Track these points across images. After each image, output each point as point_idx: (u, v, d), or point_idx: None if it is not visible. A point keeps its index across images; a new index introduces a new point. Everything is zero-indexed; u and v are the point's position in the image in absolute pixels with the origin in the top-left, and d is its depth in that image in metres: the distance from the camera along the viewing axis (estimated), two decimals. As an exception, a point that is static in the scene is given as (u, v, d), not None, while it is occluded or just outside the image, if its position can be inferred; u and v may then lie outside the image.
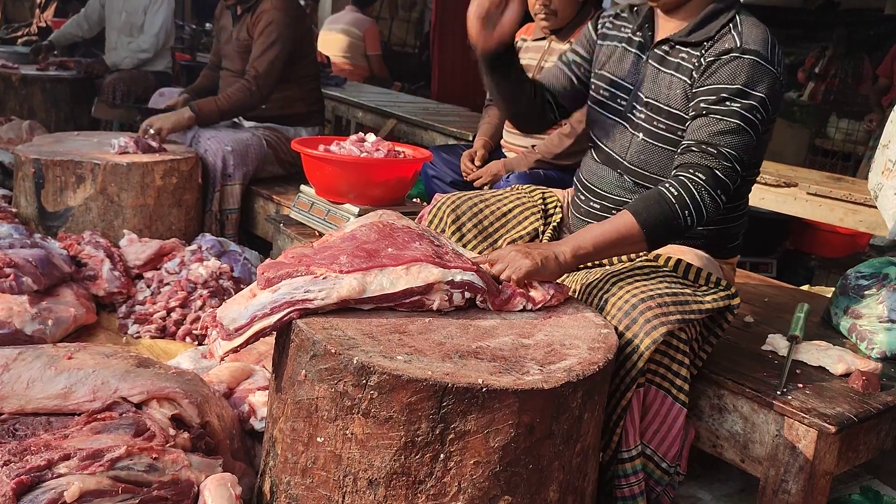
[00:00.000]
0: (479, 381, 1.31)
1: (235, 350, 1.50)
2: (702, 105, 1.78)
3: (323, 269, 1.52)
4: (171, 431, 1.63)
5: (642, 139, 1.93)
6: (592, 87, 2.08)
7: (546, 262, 1.67)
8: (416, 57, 10.38)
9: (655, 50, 1.93)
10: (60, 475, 1.41)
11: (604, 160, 2.03)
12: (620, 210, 1.83)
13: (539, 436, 1.37)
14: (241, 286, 2.91)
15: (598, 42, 2.09)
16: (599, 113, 2.04)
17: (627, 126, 1.97)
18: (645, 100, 1.92)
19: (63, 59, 5.32)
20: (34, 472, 1.40)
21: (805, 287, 3.08)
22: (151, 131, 3.47)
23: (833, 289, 2.34)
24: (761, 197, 3.42)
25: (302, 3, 4.97)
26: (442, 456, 1.33)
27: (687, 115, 1.84)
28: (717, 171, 1.74)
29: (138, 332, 2.67)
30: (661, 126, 1.89)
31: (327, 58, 6.39)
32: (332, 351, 1.35)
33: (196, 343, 2.63)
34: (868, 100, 6.38)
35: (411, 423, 1.32)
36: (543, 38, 3.12)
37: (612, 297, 1.70)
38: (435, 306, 1.56)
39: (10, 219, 3.05)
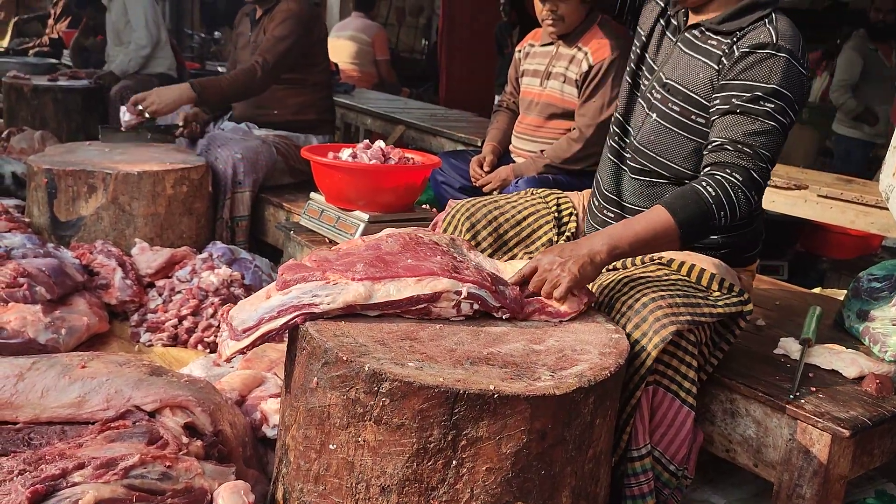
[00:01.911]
0: (491, 387, 1.31)
1: (242, 351, 1.52)
2: (735, 102, 1.77)
3: (337, 275, 1.53)
4: (185, 439, 1.64)
5: (654, 119, 1.94)
6: (628, 66, 2.09)
7: (584, 270, 1.65)
8: (423, 62, 10.41)
9: (686, 34, 1.93)
10: (75, 484, 1.42)
11: (615, 157, 2.04)
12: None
13: (551, 442, 1.37)
14: (252, 293, 2.92)
15: (640, 30, 2.08)
16: (624, 92, 2.06)
17: (644, 105, 1.98)
18: (665, 80, 1.93)
19: (75, 70, 5.37)
20: (49, 480, 1.41)
21: (817, 290, 3.07)
22: (147, 115, 3.44)
23: (845, 291, 2.33)
24: (772, 199, 3.41)
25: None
26: (454, 462, 1.33)
27: (707, 101, 1.84)
28: (753, 172, 1.74)
29: (150, 341, 2.68)
30: (675, 108, 1.90)
31: (336, 65, 6.42)
32: (344, 358, 1.36)
33: (208, 351, 2.64)
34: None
35: (423, 430, 1.32)
36: (551, 44, 3.12)
37: (623, 297, 1.70)
38: (441, 314, 1.56)
39: (23, 229, 3.07)
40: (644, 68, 2.03)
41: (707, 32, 1.89)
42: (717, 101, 1.81)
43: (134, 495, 1.42)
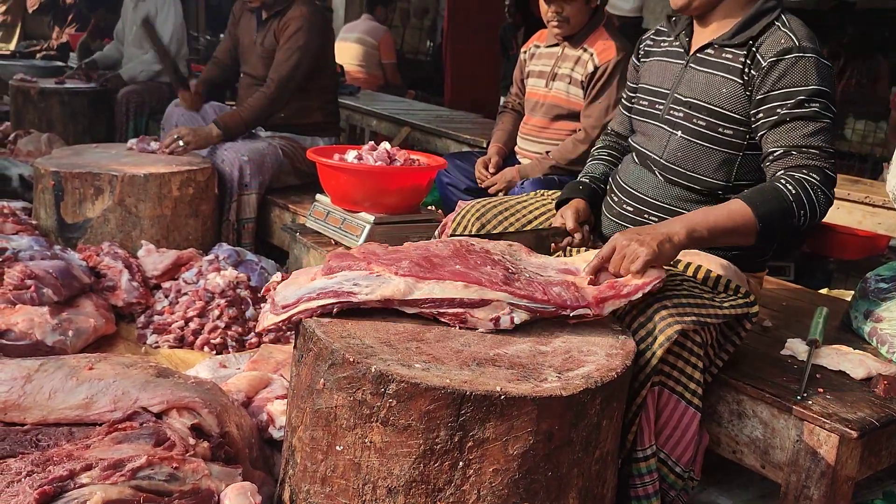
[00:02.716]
0: (498, 388, 1.31)
1: (277, 326, 1.55)
2: (782, 112, 1.79)
3: (381, 268, 1.54)
4: (191, 441, 1.64)
5: (681, 136, 1.95)
6: (635, 100, 2.13)
7: (662, 246, 1.64)
8: (428, 64, 10.41)
9: (697, 54, 1.95)
10: (83, 485, 1.43)
11: (641, 162, 2.05)
12: (653, 212, 1.85)
13: (558, 443, 1.37)
14: (258, 295, 2.93)
15: (641, 62, 2.15)
16: (640, 121, 2.09)
17: (665, 126, 1.99)
18: (684, 100, 1.95)
19: (86, 70, 5.39)
20: (57, 482, 1.41)
21: (824, 290, 3.06)
22: (181, 143, 3.49)
23: (852, 292, 2.32)
24: (778, 200, 3.39)
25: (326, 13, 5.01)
26: (461, 464, 1.33)
27: (735, 114, 1.86)
28: (828, 171, 1.76)
29: (157, 342, 2.69)
30: (701, 123, 1.91)
31: (341, 67, 6.42)
32: (351, 359, 1.36)
33: (214, 352, 2.65)
34: (885, 101, 6.32)
35: (430, 431, 1.32)
36: (556, 45, 3.12)
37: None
38: (477, 325, 1.54)
39: (30, 231, 3.09)
40: (642, 93, 2.08)
41: (720, 48, 1.91)
42: (762, 115, 1.83)
43: (141, 496, 1.42)
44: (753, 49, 1.84)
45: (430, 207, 3.38)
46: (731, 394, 1.83)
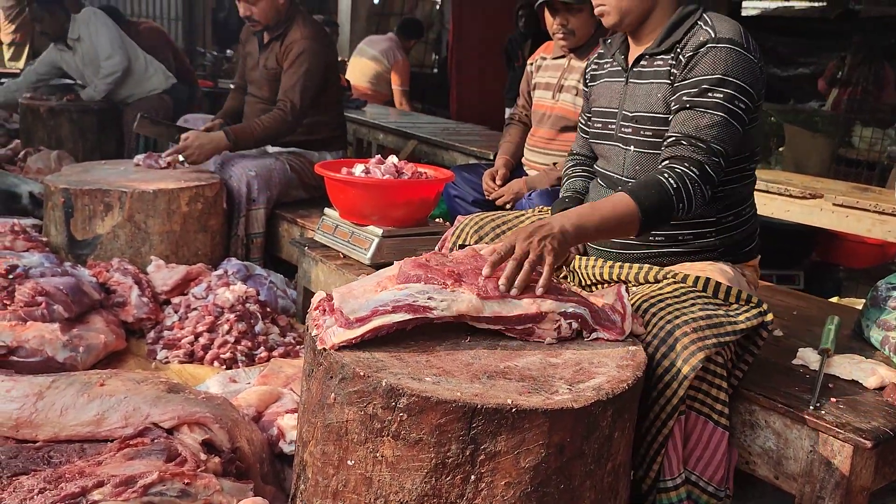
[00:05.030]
0: (509, 401, 1.31)
1: (350, 341, 1.43)
2: (685, 98, 1.82)
3: (451, 281, 1.53)
4: (203, 456, 1.64)
5: (633, 151, 1.98)
6: (590, 125, 2.16)
7: (560, 246, 1.63)
8: (434, 77, 10.45)
9: (634, 69, 2.00)
10: (95, 502, 1.43)
11: (608, 184, 2.08)
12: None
13: (570, 455, 1.36)
14: (268, 310, 2.94)
15: (590, 87, 2.20)
16: (598, 144, 2.12)
17: (619, 144, 2.03)
18: (631, 115, 1.98)
19: (74, 95, 5.41)
20: (69, 499, 1.42)
21: (834, 299, 3.04)
22: (181, 158, 3.50)
23: (863, 300, 2.31)
24: (787, 209, 3.39)
25: (327, 30, 5.02)
26: (473, 477, 1.33)
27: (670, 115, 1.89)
28: (707, 167, 1.77)
29: (167, 358, 2.69)
30: (648, 133, 1.94)
31: (347, 81, 6.44)
32: (361, 374, 1.36)
33: (224, 367, 2.65)
34: (892, 108, 6.32)
35: (441, 445, 1.32)
36: (563, 57, 3.13)
37: (646, 325, 1.68)
38: (543, 335, 1.56)
39: (40, 248, 3.11)
40: (595, 116, 2.12)
41: (651, 57, 1.96)
42: (672, 104, 1.87)
43: (153, 513, 1.43)
44: (678, 50, 1.88)
45: (437, 220, 3.38)
46: (744, 404, 1.82)
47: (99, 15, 5.07)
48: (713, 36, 1.82)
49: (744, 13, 9.54)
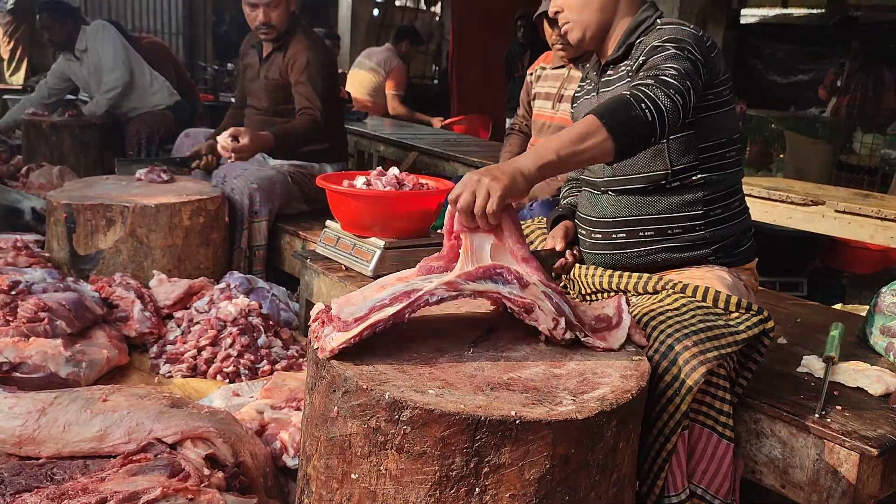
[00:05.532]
0: (513, 413, 1.30)
1: (350, 341, 1.43)
2: (640, 62, 1.87)
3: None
4: (206, 471, 1.64)
5: None
6: None
7: (514, 179, 1.56)
8: (434, 88, 10.48)
9: (602, 79, 2.06)
10: (98, 518, 1.42)
11: (592, 189, 2.09)
12: (620, 229, 1.94)
13: (574, 466, 1.35)
14: (271, 323, 2.93)
15: (574, 107, 2.24)
16: None
17: None
18: None
19: (76, 111, 5.43)
20: (73, 516, 1.41)
21: (838, 306, 3.03)
22: (230, 154, 3.35)
23: (867, 307, 2.30)
24: (789, 216, 3.39)
25: (328, 42, 5.04)
26: (477, 490, 1.32)
27: None
28: (664, 77, 1.73)
29: (170, 372, 2.69)
30: None
31: (348, 94, 6.45)
32: (364, 387, 1.36)
33: (227, 381, 2.64)
34: (892, 113, 6.33)
35: (445, 458, 1.31)
36: (563, 67, 3.14)
37: (647, 338, 1.68)
38: (540, 321, 1.56)
39: (43, 263, 3.11)
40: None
41: (614, 65, 2.02)
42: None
43: (157, 529, 1.42)
44: (633, 52, 1.94)
45: (439, 231, 3.38)
46: (748, 413, 1.82)
47: (108, 28, 5.10)
48: (661, 35, 1.87)
49: (743, 20, 9.56)
